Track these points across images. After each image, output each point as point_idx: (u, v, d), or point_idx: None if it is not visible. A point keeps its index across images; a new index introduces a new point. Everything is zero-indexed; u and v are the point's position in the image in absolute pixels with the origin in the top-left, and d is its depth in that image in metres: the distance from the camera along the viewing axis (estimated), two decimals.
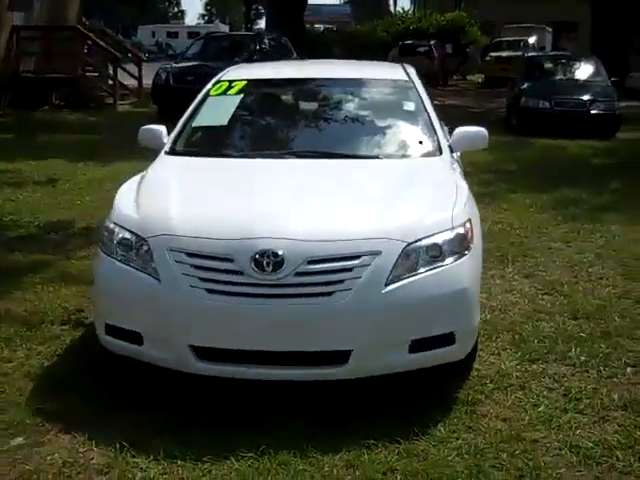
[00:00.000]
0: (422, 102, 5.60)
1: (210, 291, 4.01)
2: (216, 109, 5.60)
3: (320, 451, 3.81)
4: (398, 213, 4.29)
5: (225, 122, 5.50)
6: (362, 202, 4.43)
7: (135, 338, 4.22)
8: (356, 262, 4.00)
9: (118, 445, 3.82)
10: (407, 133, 5.46)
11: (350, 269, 3.99)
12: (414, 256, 4.10)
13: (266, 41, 18.41)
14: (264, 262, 3.95)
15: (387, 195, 4.53)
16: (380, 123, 5.55)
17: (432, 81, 28.56)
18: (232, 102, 5.62)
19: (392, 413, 4.19)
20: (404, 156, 5.18)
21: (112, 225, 4.40)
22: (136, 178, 4.97)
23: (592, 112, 15.69)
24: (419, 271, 4.09)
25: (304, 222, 4.16)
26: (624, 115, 16.04)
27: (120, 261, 4.27)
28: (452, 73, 32.87)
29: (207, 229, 4.15)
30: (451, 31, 34.54)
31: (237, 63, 16.71)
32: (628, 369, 4.83)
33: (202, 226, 4.18)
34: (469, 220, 4.41)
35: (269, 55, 18.04)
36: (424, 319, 4.12)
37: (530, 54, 20.95)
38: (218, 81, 5.82)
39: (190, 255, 4.07)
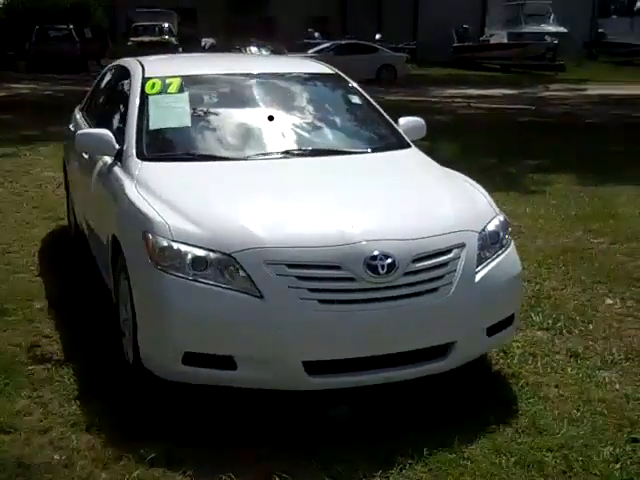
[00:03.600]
0: (363, 95, 5.69)
1: (322, 302, 3.83)
2: (167, 109, 5.14)
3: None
4: (455, 205, 4.43)
5: (188, 123, 5.09)
6: (419, 197, 4.48)
7: (226, 363, 3.88)
8: (450, 256, 4.08)
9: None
10: (374, 126, 5.50)
11: (446, 264, 4.07)
12: (484, 245, 4.28)
13: None
14: (378, 265, 3.87)
15: (429, 189, 4.63)
16: (346, 118, 5.56)
17: (75, 68, 27.62)
18: (181, 101, 5.20)
19: (465, 400, 4.35)
20: (386, 149, 5.22)
21: (175, 244, 3.93)
22: (133, 190, 4.44)
23: None
24: (491, 259, 4.28)
25: (397, 222, 4.14)
26: None
27: (198, 282, 3.88)
28: (96, 58, 31.83)
29: (302, 237, 3.94)
30: (76, 14, 33.45)
31: None
32: (590, 326, 5.46)
33: (296, 235, 3.95)
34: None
35: None
36: (499, 303, 4.33)
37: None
38: (146, 78, 5.34)
39: (292, 266, 3.84)
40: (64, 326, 5.20)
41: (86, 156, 5.61)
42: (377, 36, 38.78)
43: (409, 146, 5.30)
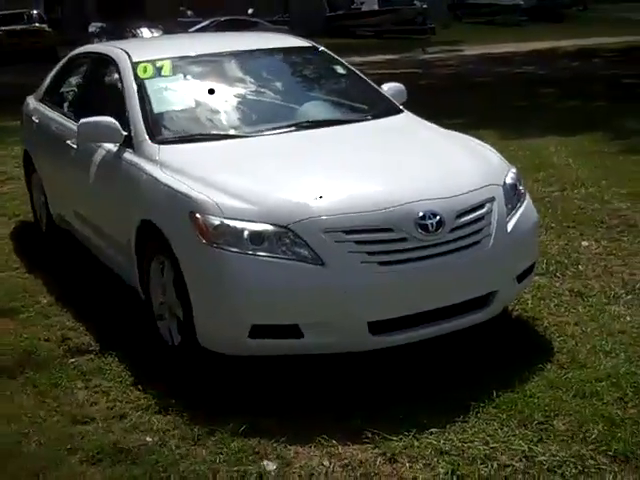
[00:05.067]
0: (346, 65, 5.83)
1: (382, 263, 3.99)
2: (167, 92, 5.16)
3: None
4: (476, 162, 4.66)
5: (192, 104, 5.11)
6: (442, 157, 4.69)
7: (292, 332, 3.99)
8: (484, 210, 4.30)
9: (371, 434, 3.70)
10: (366, 94, 5.61)
11: (483, 217, 4.29)
12: (507, 197, 4.52)
13: None
14: (428, 224, 4.05)
15: (446, 148, 4.84)
16: (339, 88, 5.70)
17: None
18: (177, 82, 5.23)
19: (505, 345, 4.62)
20: (384, 114, 5.35)
21: (229, 222, 3.99)
22: (162, 174, 4.45)
23: None
24: (515, 209, 4.53)
25: (435, 181, 4.33)
26: None
27: (258, 256, 3.96)
28: None
29: (354, 204, 4.07)
30: None
31: None
32: (580, 267, 5.82)
33: (347, 202, 4.08)
34: None
35: None
36: (527, 251, 4.62)
37: None
38: (135, 63, 5.29)
39: (348, 232, 3.98)
40: (83, 318, 5.15)
41: (74, 146, 5.52)
42: (249, 11, 38.54)
43: (402, 111, 5.48)
